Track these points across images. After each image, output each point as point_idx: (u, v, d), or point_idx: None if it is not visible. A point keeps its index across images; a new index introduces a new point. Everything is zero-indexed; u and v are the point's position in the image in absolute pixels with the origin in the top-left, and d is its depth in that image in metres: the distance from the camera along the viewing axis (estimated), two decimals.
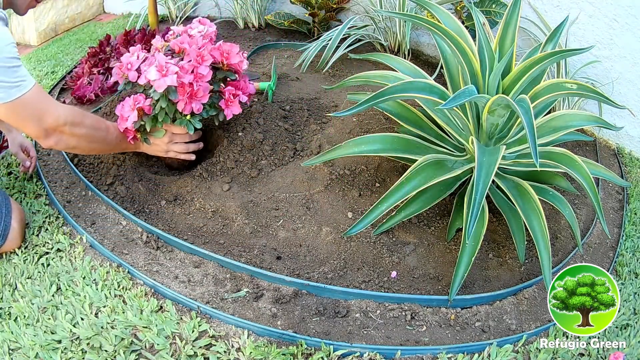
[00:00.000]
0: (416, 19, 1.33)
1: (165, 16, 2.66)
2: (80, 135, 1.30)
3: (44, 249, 1.32)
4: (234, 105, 1.44)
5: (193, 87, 1.32)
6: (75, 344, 1.07)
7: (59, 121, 1.24)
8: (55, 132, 1.26)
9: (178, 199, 1.46)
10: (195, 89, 1.33)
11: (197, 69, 1.33)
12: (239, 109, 1.45)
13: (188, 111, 1.36)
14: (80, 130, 1.30)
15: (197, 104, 1.35)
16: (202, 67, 1.34)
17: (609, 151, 2.01)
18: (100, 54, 2.09)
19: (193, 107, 1.35)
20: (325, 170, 1.50)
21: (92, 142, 1.35)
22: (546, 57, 1.19)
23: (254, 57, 2.21)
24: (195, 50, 1.35)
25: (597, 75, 1.91)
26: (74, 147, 1.34)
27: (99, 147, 1.41)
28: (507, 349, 1.14)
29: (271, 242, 1.35)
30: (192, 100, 1.34)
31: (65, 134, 1.27)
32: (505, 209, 1.38)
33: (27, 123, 1.22)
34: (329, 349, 1.08)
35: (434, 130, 1.46)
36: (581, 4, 1.85)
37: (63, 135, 1.27)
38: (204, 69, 1.34)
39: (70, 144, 1.31)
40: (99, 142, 1.37)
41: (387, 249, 1.35)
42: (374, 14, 2.11)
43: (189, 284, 1.22)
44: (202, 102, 1.36)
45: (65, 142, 1.29)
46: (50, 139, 1.27)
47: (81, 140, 1.32)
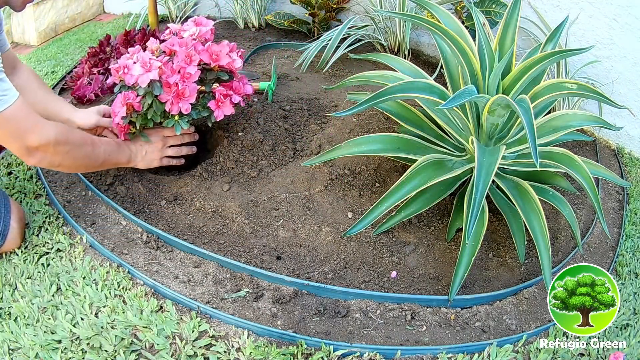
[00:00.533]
0: (416, 19, 1.33)
1: (165, 16, 2.66)
2: (64, 153, 1.24)
3: (44, 249, 1.32)
4: (225, 106, 1.42)
5: (178, 86, 1.31)
6: (75, 344, 1.07)
7: (41, 140, 1.17)
8: (38, 151, 1.19)
9: (178, 199, 1.46)
10: (181, 89, 1.32)
11: (185, 69, 1.32)
12: (231, 110, 1.44)
13: (175, 111, 1.35)
14: (65, 147, 1.24)
15: (185, 104, 1.35)
16: (190, 67, 1.33)
17: (609, 151, 2.01)
18: (100, 54, 2.09)
19: (181, 107, 1.34)
20: (325, 170, 1.50)
21: (77, 159, 1.29)
22: (546, 57, 1.19)
23: (254, 57, 2.21)
24: (183, 52, 1.34)
25: (597, 75, 1.91)
26: (58, 164, 1.27)
27: (85, 164, 1.34)
28: (507, 349, 1.14)
29: (271, 242, 1.35)
30: (179, 100, 1.34)
31: (48, 153, 1.21)
32: (505, 209, 1.38)
33: (8, 139, 1.16)
34: (329, 349, 1.08)
35: (434, 130, 1.46)
36: (581, 4, 1.85)
37: (47, 154, 1.21)
38: (192, 68, 1.33)
39: (54, 162, 1.25)
40: (84, 158, 1.30)
41: (387, 249, 1.35)
42: (374, 14, 2.11)
43: (189, 284, 1.22)
44: (190, 102, 1.35)
45: (49, 160, 1.23)
46: (33, 158, 1.21)
47: (66, 158, 1.25)
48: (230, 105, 1.44)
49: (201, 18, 1.48)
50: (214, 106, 1.41)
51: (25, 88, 1.50)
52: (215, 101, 1.41)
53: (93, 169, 1.44)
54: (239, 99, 1.46)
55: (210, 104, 1.41)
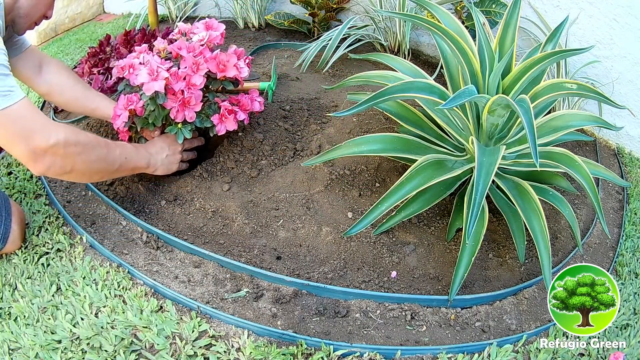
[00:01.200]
0: (416, 19, 1.33)
1: (165, 16, 2.66)
2: (76, 155, 1.14)
3: (44, 249, 1.32)
4: (229, 121, 1.39)
5: (184, 94, 1.30)
6: (75, 344, 1.07)
7: (49, 141, 1.08)
8: (47, 155, 1.10)
9: (178, 199, 1.46)
10: (187, 97, 1.30)
11: (191, 78, 1.30)
12: (233, 126, 1.40)
13: (180, 119, 1.32)
14: (76, 149, 1.14)
15: (190, 112, 1.33)
16: (196, 76, 1.30)
17: (609, 151, 2.01)
18: (100, 54, 2.09)
19: (186, 115, 1.32)
20: (325, 170, 1.50)
21: (91, 162, 1.19)
22: (546, 57, 1.19)
23: (254, 57, 2.21)
24: (191, 58, 1.31)
25: (597, 75, 1.91)
26: (70, 169, 1.16)
27: (99, 168, 1.23)
28: (507, 349, 1.14)
29: (271, 242, 1.35)
30: (184, 108, 1.32)
31: (58, 156, 1.11)
32: (505, 209, 1.38)
33: (13, 141, 1.08)
34: (329, 349, 1.08)
35: (434, 130, 1.46)
36: (581, 4, 1.85)
37: (56, 157, 1.11)
38: (198, 78, 1.30)
39: (66, 166, 1.14)
40: (98, 161, 1.21)
41: (387, 249, 1.35)
42: (374, 14, 2.10)
43: (189, 284, 1.22)
44: (195, 110, 1.34)
45: (60, 165, 1.13)
46: (41, 163, 1.10)
47: (78, 161, 1.15)
48: (234, 122, 1.40)
49: (212, 21, 1.43)
50: (216, 120, 1.38)
51: (61, 85, 1.47)
52: (220, 116, 1.38)
53: (109, 175, 1.32)
54: (244, 117, 1.43)
55: (214, 117, 1.38)
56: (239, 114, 1.41)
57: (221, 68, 1.35)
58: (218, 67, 1.35)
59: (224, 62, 1.36)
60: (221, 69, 1.35)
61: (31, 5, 1.31)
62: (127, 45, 2.01)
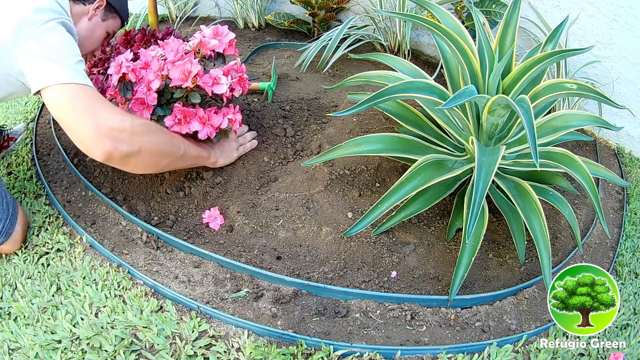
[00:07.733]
0: (416, 19, 1.33)
1: (165, 16, 2.66)
2: (143, 134, 1.11)
3: (44, 249, 1.32)
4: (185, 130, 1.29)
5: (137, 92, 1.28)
6: (75, 344, 1.07)
7: (116, 119, 1.06)
8: (113, 132, 1.05)
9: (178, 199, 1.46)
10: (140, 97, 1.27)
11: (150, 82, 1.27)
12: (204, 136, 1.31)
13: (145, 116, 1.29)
14: (142, 128, 1.11)
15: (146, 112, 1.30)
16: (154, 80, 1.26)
17: (609, 151, 2.01)
18: (100, 54, 2.09)
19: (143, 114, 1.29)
20: (325, 170, 1.50)
21: (159, 143, 1.16)
22: (546, 57, 1.19)
23: (254, 57, 2.21)
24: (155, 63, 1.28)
25: (597, 75, 1.91)
26: (138, 150, 1.10)
27: (166, 151, 1.20)
28: (507, 349, 1.14)
29: (271, 242, 1.35)
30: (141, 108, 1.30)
31: (125, 133, 1.07)
32: (505, 209, 1.38)
33: (80, 116, 1.04)
34: (329, 349, 1.08)
35: (434, 130, 1.46)
36: (581, 4, 1.85)
37: (123, 134, 1.07)
38: (156, 82, 1.26)
39: (133, 146, 1.09)
40: (165, 143, 1.18)
41: (387, 249, 1.35)
42: (374, 14, 2.10)
43: (189, 284, 1.22)
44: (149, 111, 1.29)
45: (127, 144, 1.07)
46: (108, 141, 1.05)
47: (145, 141, 1.11)
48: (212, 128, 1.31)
49: (221, 28, 1.36)
50: (170, 122, 1.29)
51: None
52: (173, 117, 1.29)
53: (175, 161, 1.25)
54: (205, 135, 1.30)
55: (167, 119, 1.29)
56: (193, 124, 1.30)
57: (182, 77, 1.27)
58: (182, 75, 1.27)
59: (187, 70, 1.27)
60: (182, 78, 1.27)
61: (86, 37, 1.37)
62: (127, 45, 2.01)
